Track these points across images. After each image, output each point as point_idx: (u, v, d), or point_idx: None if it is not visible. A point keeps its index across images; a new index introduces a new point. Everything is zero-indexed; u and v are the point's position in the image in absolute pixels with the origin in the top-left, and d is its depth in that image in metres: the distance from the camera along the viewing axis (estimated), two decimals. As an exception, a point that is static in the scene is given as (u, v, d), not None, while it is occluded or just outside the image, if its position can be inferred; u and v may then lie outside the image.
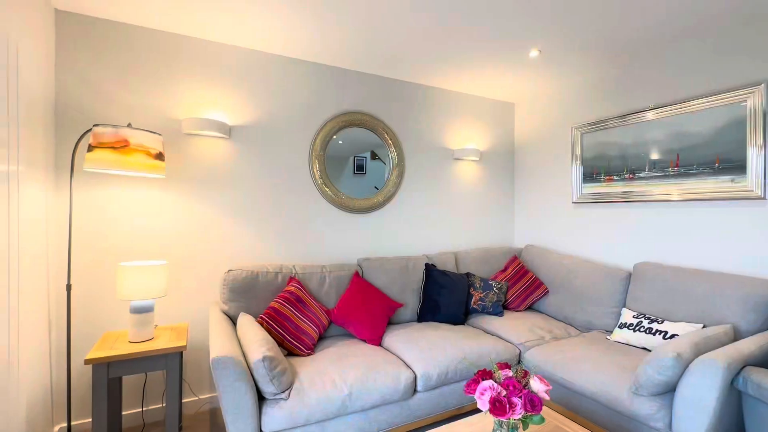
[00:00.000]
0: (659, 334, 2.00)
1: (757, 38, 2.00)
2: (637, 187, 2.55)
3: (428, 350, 2.04)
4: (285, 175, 2.53)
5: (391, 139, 2.87)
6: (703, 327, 1.92)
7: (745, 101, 2.03)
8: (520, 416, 1.02)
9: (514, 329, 2.40)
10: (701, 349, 1.57)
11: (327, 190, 2.64)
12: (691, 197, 2.26)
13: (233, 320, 2.08)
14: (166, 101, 2.18)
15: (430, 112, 3.11)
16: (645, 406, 1.59)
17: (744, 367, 1.44)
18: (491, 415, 1.06)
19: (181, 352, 1.89)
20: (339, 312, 2.27)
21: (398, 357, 2.06)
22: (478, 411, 2.19)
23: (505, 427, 1.11)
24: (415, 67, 2.71)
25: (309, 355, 1.99)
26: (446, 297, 2.57)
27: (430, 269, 2.67)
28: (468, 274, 2.82)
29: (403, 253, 2.99)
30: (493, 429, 1.12)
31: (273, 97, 2.49)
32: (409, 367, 1.95)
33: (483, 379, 1.11)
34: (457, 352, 2.05)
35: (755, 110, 1.99)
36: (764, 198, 1.98)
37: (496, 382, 1.10)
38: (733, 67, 2.09)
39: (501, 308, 2.70)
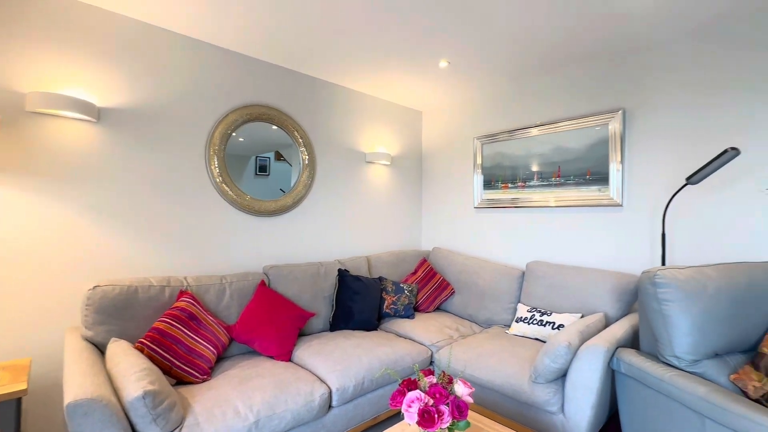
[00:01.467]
0: (549, 325, 2.24)
1: (618, 73, 2.40)
2: (527, 195, 2.85)
3: (343, 361, 1.92)
4: (175, 171, 2.16)
5: (302, 138, 2.70)
6: (582, 316, 2.21)
7: (608, 124, 2.42)
8: (447, 425, 0.98)
9: (425, 331, 2.44)
10: (585, 336, 1.79)
11: (228, 190, 2.34)
12: (570, 204, 2.61)
13: (101, 349, 1.66)
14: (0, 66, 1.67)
15: (343, 113, 3.03)
16: (543, 392, 1.74)
17: (617, 349, 1.68)
18: (418, 427, 1.00)
19: (19, 399, 1.43)
20: (241, 327, 2.01)
21: (311, 372, 1.90)
22: (394, 418, 2.15)
23: (431, 437, 1.07)
24: (330, 66, 2.60)
25: (205, 381, 1.70)
26: (360, 303, 2.49)
27: (343, 275, 2.56)
28: (381, 278, 2.80)
29: (314, 259, 2.82)
30: (419, 441, 1.07)
31: (162, 78, 2.11)
32: (323, 381, 1.81)
33: (409, 390, 1.05)
34: (373, 360, 1.99)
35: (615, 132, 2.38)
36: (622, 205, 2.38)
37: (422, 390, 1.05)
38: (600, 95, 2.48)
39: (412, 310, 2.74)
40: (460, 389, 1.08)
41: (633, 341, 1.86)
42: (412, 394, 1.01)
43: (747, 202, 1.94)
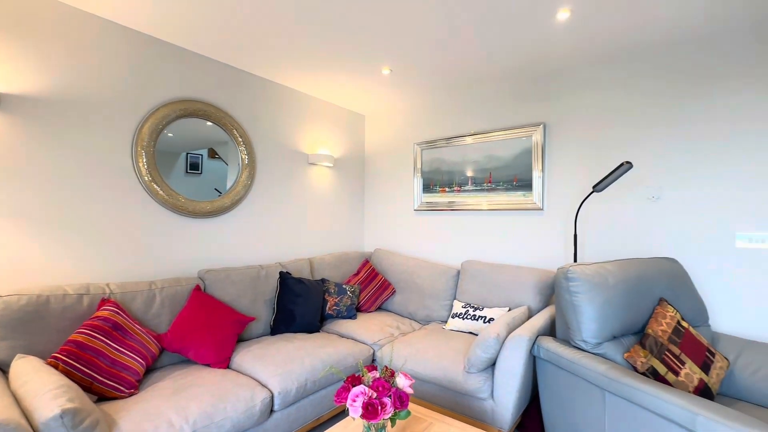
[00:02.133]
0: (481, 319, 2.42)
1: (540, 91, 2.69)
2: (462, 198, 3.06)
3: (285, 364, 1.91)
4: (97, 169, 1.97)
5: (241, 137, 2.61)
6: (509, 309, 2.43)
7: (532, 136, 2.70)
8: (389, 415, 1.05)
9: (367, 330, 2.50)
10: (511, 328, 1.98)
11: (158, 190, 2.18)
12: (500, 207, 2.85)
13: (2, 368, 1.47)
14: None
15: (285, 113, 2.98)
16: (475, 381, 1.89)
17: (537, 337, 1.88)
18: (362, 420, 1.05)
19: None
20: (174, 335, 1.90)
21: (251, 377, 1.85)
22: (336, 417, 2.18)
23: (374, 430, 1.13)
24: (272, 64, 2.55)
25: (133, 394, 1.58)
26: (302, 306, 2.48)
27: (284, 277, 2.53)
28: (323, 280, 2.80)
29: (254, 262, 2.74)
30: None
31: (80, 63, 1.91)
32: (264, 386, 1.78)
33: (353, 385, 1.10)
34: (315, 362, 2.00)
35: (537, 144, 2.66)
36: (542, 209, 2.66)
37: (365, 385, 1.10)
38: (525, 109, 2.75)
39: (355, 311, 2.78)
40: (402, 381, 1.15)
41: (551, 330, 2.09)
42: (356, 389, 1.05)
43: (638, 208, 2.30)
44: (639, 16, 1.92)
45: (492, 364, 1.92)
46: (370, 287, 3.01)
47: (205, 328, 1.98)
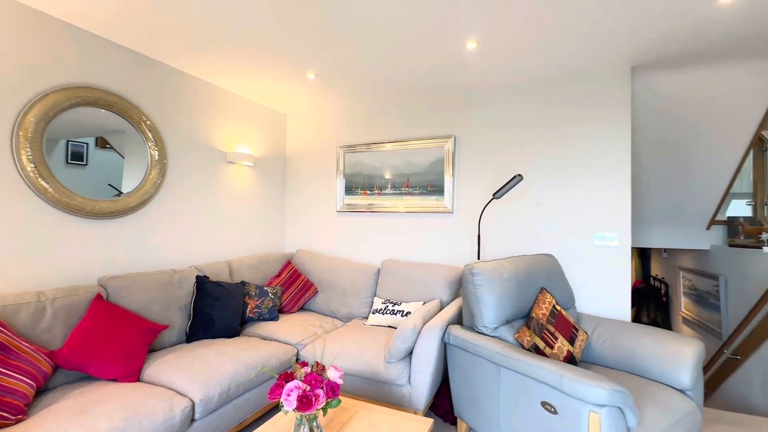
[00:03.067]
0: (399, 313, 2.64)
1: (451, 106, 3.00)
2: (382, 201, 3.25)
3: (206, 371, 1.85)
4: (-39, 159, 1.66)
5: (150, 131, 2.41)
6: (424, 303, 2.68)
7: (444, 146, 3.00)
8: (322, 405, 1.14)
9: (290, 331, 2.52)
10: (426, 319, 2.21)
11: (47, 187, 1.92)
12: (416, 210, 3.11)
13: None
14: None
15: (203, 109, 2.82)
16: (394, 370, 2.08)
17: (448, 326, 2.14)
18: (295, 413, 1.13)
19: None
20: (71, 351, 1.71)
21: (168, 388, 1.76)
22: (262, 419, 2.17)
23: (306, 421, 1.21)
24: (189, 55, 2.41)
25: (21, 420, 1.39)
26: (221, 310, 2.40)
27: (202, 281, 2.41)
28: (243, 283, 2.74)
29: (166, 266, 2.55)
30: (296, 424, 1.20)
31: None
32: (184, 395, 1.71)
33: (287, 381, 1.17)
34: (239, 366, 1.97)
35: (449, 154, 2.98)
36: (452, 213, 2.99)
37: (299, 380, 1.18)
38: (439, 122, 3.05)
39: (277, 312, 2.77)
40: (332, 373, 1.25)
41: (459, 319, 2.39)
42: (290, 384, 1.12)
43: (526, 212, 2.74)
44: (529, 52, 2.31)
45: (409, 353, 2.13)
46: (293, 288, 3.03)
47: (109, 339, 1.81)
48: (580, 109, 2.60)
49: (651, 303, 5.24)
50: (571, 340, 1.99)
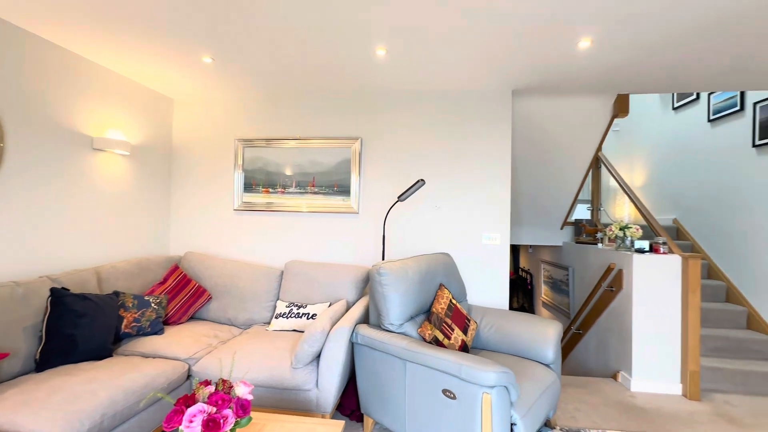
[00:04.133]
0: (305, 316, 2.57)
1: (358, 109, 3.04)
2: (286, 200, 3.12)
3: (68, 404, 1.52)
4: None
5: (-21, 104, 1.87)
6: (330, 304, 2.67)
7: (351, 147, 3.03)
8: (231, 426, 1.05)
9: (179, 344, 2.25)
10: (334, 320, 2.21)
11: None
12: (322, 210, 3.07)
13: None
14: None
15: (59, 83, 2.30)
16: (301, 375, 2.02)
17: (356, 326, 2.18)
18: (198, 440, 1.01)
19: None
20: None
21: (11, 433, 1.40)
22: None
23: (209, 445, 1.10)
24: (41, 14, 1.93)
25: None
26: (87, 328, 2.00)
27: (59, 295, 1.97)
28: (117, 293, 2.33)
29: (5, 277, 2.01)
30: (198, 453, 1.07)
31: None
32: (36, 439, 1.38)
33: (188, 406, 1.04)
34: (116, 393, 1.67)
35: (356, 155, 3.02)
36: (358, 213, 3.04)
37: (202, 402, 1.06)
38: (346, 123, 3.06)
39: (161, 325, 2.43)
40: (241, 390, 1.15)
41: (365, 318, 2.45)
42: (193, 409, 1.00)
43: (427, 214, 2.96)
44: (432, 68, 2.49)
45: (317, 357, 2.10)
46: (182, 296, 2.69)
47: None
48: (473, 123, 2.90)
49: (520, 291, 6.19)
50: (465, 330, 2.22)
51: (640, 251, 2.89)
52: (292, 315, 2.59)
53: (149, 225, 3.05)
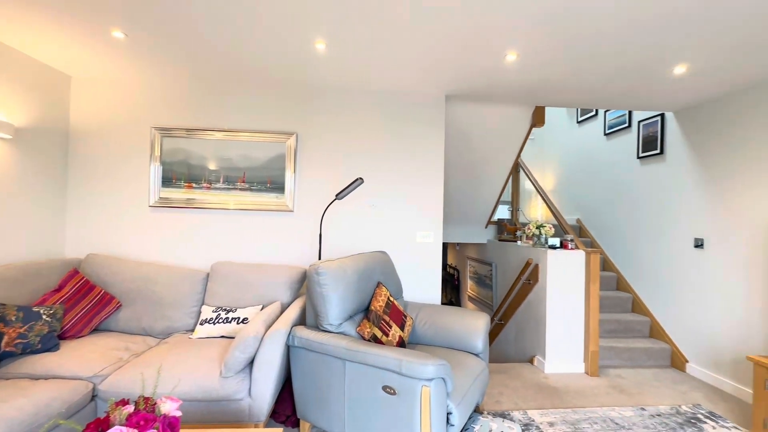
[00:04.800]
0: (234, 320, 2.40)
1: (295, 104, 2.92)
2: (213, 196, 2.89)
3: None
4: None
5: None
6: (262, 307, 2.53)
7: (286, 142, 2.91)
8: (156, 448, 0.93)
9: (80, 360, 1.94)
10: (269, 324, 2.09)
11: None
12: (254, 208, 2.89)
13: None
14: None
15: None
16: (232, 384, 1.88)
17: (292, 328, 2.09)
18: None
19: None
20: None
21: None
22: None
23: (128, 473, 0.96)
24: None
25: None
26: (-49, 348, 1.62)
27: None
28: (-6, 305, 1.93)
29: None
30: (114, 484, 0.93)
31: None
32: None
33: (102, 431, 0.89)
34: (-7, 424, 1.39)
35: (291, 151, 2.90)
36: (293, 211, 2.93)
37: (120, 425, 0.92)
38: (281, 118, 2.92)
39: (56, 340, 2.08)
40: (168, 406, 1.03)
41: (302, 319, 2.36)
42: (108, 434, 0.86)
43: (364, 213, 2.96)
44: (372, 67, 2.49)
45: (250, 363, 1.97)
46: (83, 304, 2.33)
47: None
48: (410, 125, 2.98)
49: (448, 287, 6.52)
50: (402, 326, 2.27)
51: (553, 247, 3.24)
52: (220, 320, 2.40)
53: (39, 223, 2.58)
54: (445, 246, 7.12)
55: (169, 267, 2.66)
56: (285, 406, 2.24)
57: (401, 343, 2.19)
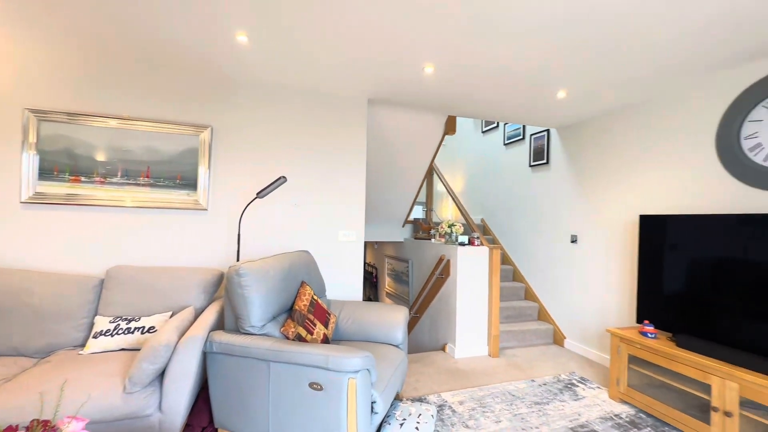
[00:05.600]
0: (138, 330, 2.17)
1: (210, 96, 2.74)
2: (109, 192, 2.55)
3: None
4: None
5: None
6: (172, 314, 2.33)
7: (199, 135, 2.71)
8: (60, 473, 0.83)
9: (-76, 393, 1.57)
10: (182, 331, 1.94)
11: None
12: (161, 206, 2.63)
13: None
14: None
15: None
16: (139, 399, 1.71)
17: (209, 333, 1.97)
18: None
19: None
20: None
21: None
22: None
23: None
24: None
25: None
26: None
27: None
28: None
29: None
30: None
31: None
32: None
33: (-14, 463, 0.77)
34: None
35: (205, 145, 2.71)
36: (207, 210, 2.74)
37: (11, 454, 0.80)
38: (194, 109, 2.71)
39: None
40: (73, 426, 0.91)
41: (219, 324, 2.24)
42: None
43: (287, 212, 2.91)
44: (295, 63, 2.47)
45: (161, 375, 1.81)
46: (-76, 324, 1.87)
47: None
48: (334, 125, 3.01)
49: (367, 284, 6.69)
50: (326, 324, 2.30)
51: (462, 244, 3.58)
52: (120, 331, 2.15)
53: None
54: (364, 245, 7.28)
55: (50, 274, 2.28)
56: (200, 418, 2.10)
57: (325, 340, 2.22)
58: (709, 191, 2.51)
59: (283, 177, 2.50)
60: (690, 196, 2.63)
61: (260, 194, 2.49)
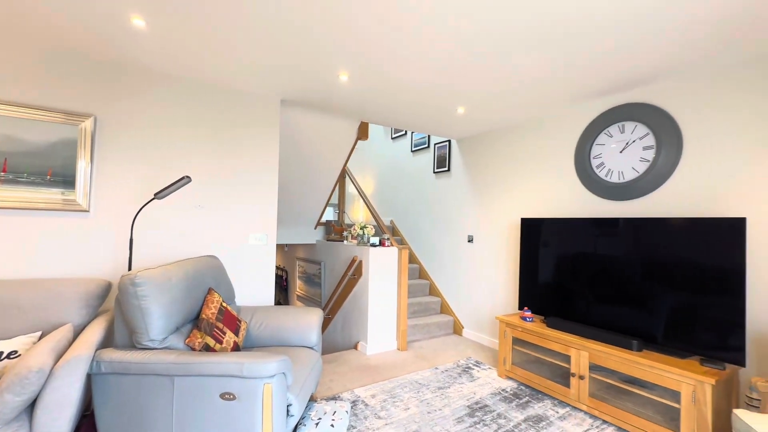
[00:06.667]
0: (-7, 357, 1.79)
1: (102, 80, 2.38)
2: (-55, 188, 2.05)
3: None
4: None
5: None
6: (42, 334, 1.97)
7: (79, 125, 2.34)
8: None
9: None
10: (59, 352, 1.67)
11: None
12: (23, 206, 2.21)
13: None
14: None
15: None
16: (-1, 439, 1.43)
17: (96, 351, 1.74)
18: None
19: None
20: None
21: None
22: None
23: None
24: None
25: None
26: None
27: None
28: None
29: None
30: None
31: None
32: None
33: None
34: None
35: (86, 138, 2.35)
36: (89, 211, 2.38)
37: None
38: (77, 93, 2.33)
39: None
40: None
41: (107, 341, 1.97)
42: None
43: (190, 214, 2.69)
44: (200, 53, 2.32)
45: (30, 406, 1.54)
46: None
47: None
48: (243, 124, 2.88)
49: (277, 288, 6.45)
50: (236, 332, 2.21)
51: (374, 245, 3.74)
52: (-35, 361, 1.75)
53: None
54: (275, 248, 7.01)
55: None
56: (82, 451, 1.83)
57: (236, 348, 2.13)
58: (572, 199, 3.09)
59: (187, 177, 2.32)
60: (558, 202, 3.20)
61: (159, 195, 2.27)
